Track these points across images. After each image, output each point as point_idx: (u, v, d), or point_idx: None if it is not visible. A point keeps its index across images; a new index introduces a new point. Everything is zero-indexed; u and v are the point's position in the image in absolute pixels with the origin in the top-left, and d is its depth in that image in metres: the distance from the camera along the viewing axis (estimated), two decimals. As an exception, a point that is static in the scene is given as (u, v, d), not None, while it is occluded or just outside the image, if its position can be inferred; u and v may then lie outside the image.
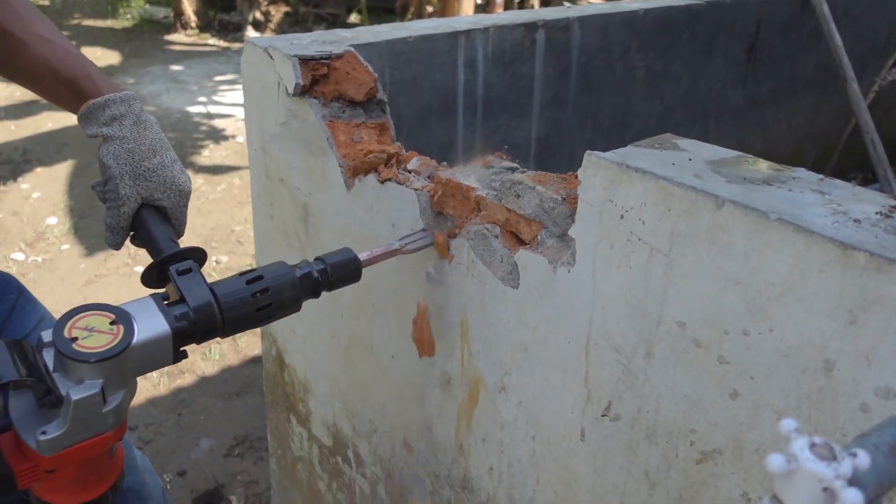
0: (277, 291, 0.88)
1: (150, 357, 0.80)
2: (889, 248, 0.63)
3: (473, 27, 1.63)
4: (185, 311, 0.84)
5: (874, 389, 0.64)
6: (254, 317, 0.87)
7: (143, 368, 0.81)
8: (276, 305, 0.88)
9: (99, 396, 0.75)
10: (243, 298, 0.86)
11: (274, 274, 0.89)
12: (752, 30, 2.38)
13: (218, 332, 0.85)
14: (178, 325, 0.82)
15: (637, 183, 0.79)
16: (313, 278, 0.92)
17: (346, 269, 0.95)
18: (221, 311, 0.85)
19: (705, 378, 0.78)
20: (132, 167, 0.98)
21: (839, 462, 0.44)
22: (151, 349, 0.80)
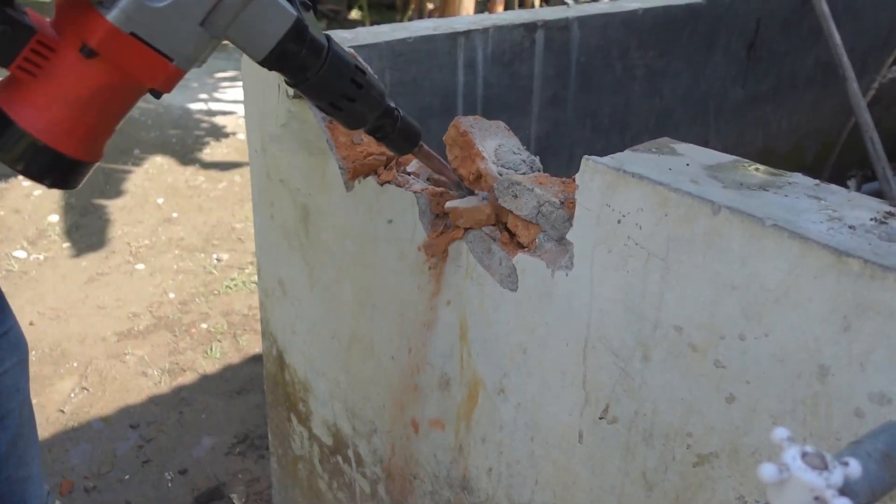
0: (370, 86, 0.85)
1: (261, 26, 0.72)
2: (883, 255, 0.63)
3: (473, 28, 1.64)
4: (306, 27, 0.75)
5: (868, 395, 0.65)
6: (340, 88, 0.81)
7: (244, 32, 0.72)
8: (362, 95, 0.83)
9: (211, 3, 0.67)
10: (347, 65, 0.81)
11: (375, 79, 0.87)
12: (752, 27, 2.38)
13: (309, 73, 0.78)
14: (300, 22, 0.74)
15: (634, 188, 0.79)
16: (392, 113, 0.89)
17: (408, 132, 0.93)
18: (327, 58, 0.78)
19: (702, 382, 0.78)
20: None
21: (830, 471, 0.45)
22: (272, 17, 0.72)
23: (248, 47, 0.74)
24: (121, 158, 4.54)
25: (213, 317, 2.98)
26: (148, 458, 2.23)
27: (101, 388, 2.55)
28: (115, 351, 2.75)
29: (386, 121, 0.89)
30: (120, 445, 2.28)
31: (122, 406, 2.45)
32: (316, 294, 1.40)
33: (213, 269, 3.37)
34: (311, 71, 0.78)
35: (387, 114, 0.88)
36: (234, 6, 0.68)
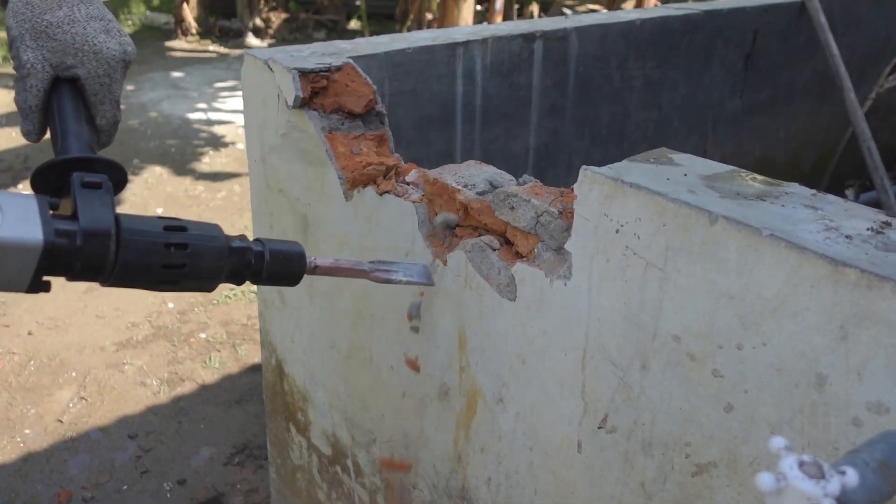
0: (197, 254, 0.71)
1: (4, 270, 0.62)
2: (879, 265, 0.63)
3: (472, 38, 1.65)
4: (72, 229, 0.65)
5: (866, 404, 0.65)
6: (155, 273, 0.69)
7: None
8: (189, 270, 0.71)
9: None
10: (153, 245, 0.68)
11: (201, 232, 0.72)
12: (749, 38, 2.39)
13: (103, 273, 0.67)
14: (57, 242, 0.63)
15: (632, 198, 0.80)
16: (245, 259, 0.76)
17: (286, 264, 0.79)
18: (118, 248, 0.66)
19: (700, 391, 0.78)
20: (32, 23, 0.76)
21: (827, 480, 0.45)
22: (9, 258, 0.62)
23: (3, 288, 0.64)
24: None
25: (211, 327, 2.98)
26: (146, 468, 2.23)
27: (99, 397, 2.54)
28: (113, 361, 2.74)
29: (244, 265, 0.76)
30: (118, 455, 2.28)
31: (121, 416, 2.45)
32: (315, 304, 1.41)
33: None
34: (107, 265, 0.67)
35: (240, 255, 0.75)
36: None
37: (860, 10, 2.83)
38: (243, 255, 0.76)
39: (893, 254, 0.66)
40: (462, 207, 1.04)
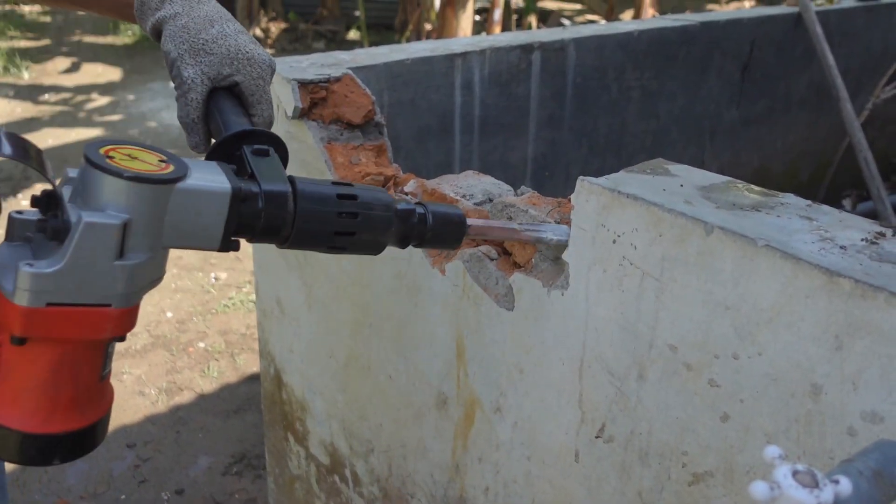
0: (367, 205, 0.71)
1: (196, 220, 0.63)
2: (873, 276, 0.64)
3: (470, 49, 1.66)
4: (254, 189, 0.66)
5: (860, 413, 0.66)
6: (330, 227, 0.69)
7: (181, 235, 0.63)
8: (361, 223, 0.71)
9: (117, 233, 0.57)
10: (326, 199, 0.69)
11: (369, 192, 0.72)
12: (746, 49, 2.41)
13: (283, 230, 0.68)
14: (243, 188, 0.65)
15: (629, 208, 0.80)
16: (411, 219, 0.75)
17: (447, 227, 0.78)
18: (296, 205, 0.67)
19: (696, 401, 0.79)
20: (190, 43, 0.83)
21: (821, 489, 0.45)
22: (202, 207, 0.62)
23: (198, 244, 0.65)
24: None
25: (210, 336, 2.98)
26: (144, 477, 2.23)
27: (97, 407, 2.54)
28: (112, 370, 2.74)
29: (408, 228, 0.76)
30: (116, 465, 2.27)
31: (119, 425, 2.45)
32: (314, 313, 1.41)
33: (210, 288, 3.37)
34: (285, 228, 0.68)
35: (404, 220, 0.75)
36: (146, 225, 0.60)
37: (856, 22, 2.85)
38: (409, 219, 0.75)
39: (887, 264, 0.66)
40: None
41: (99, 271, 0.57)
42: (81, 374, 0.61)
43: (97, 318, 0.59)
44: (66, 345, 0.59)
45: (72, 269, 0.56)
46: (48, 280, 0.56)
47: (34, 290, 0.55)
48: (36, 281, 0.55)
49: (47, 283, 0.56)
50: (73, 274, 0.56)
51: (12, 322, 0.56)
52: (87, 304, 0.58)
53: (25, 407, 0.59)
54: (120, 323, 0.61)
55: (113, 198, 0.57)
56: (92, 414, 0.63)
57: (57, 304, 0.56)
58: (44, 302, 0.56)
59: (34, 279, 0.55)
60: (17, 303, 0.56)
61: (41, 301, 0.56)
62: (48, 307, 0.56)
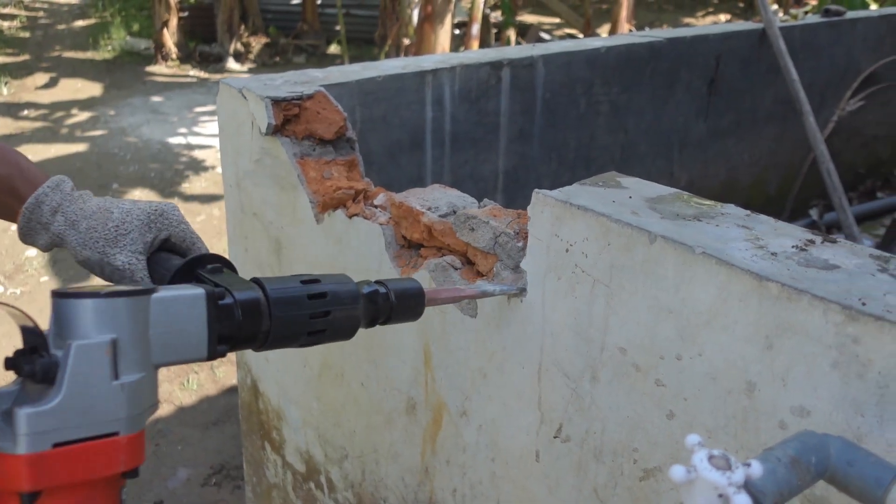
0: (337, 301, 0.72)
1: (179, 328, 0.63)
2: (799, 280, 0.69)
3: (440, 66, 1.71)
4: (229, 301, 0.66)
5: (790, 408, 0.70)
6: (305, 324, 0.70)
7: (169, 347, 0.62)
8: (333, 318, 0.72)
9: (109, 350, 0.57)
10: (297, 298, 0.70)
11: (334, 281, 0.74)
12: (713, 64, 2.48)
13: (261, 335, 0.69)
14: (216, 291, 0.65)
15: (580, 219, 0.85)
16: (377, 302, 0.78)
17: (409, 303, 0.81)
18: (270, 307, 0.68)
19: (645, 400, 0.83)
20: (105, 239, 0.84)
21: (733, 471, 0.50)
22: (181, 315, 0.63)
23: (187, 355, 0.64)
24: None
25: (190, 349, 3.00)
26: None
27: (76, 421, 2.55)
28: None
29: (375, 310, 0.78)
30: (95, 478, 2.29)
31: (98, 439, 2.46)
32: (288, 323, 1.45)
33: (190, 301, 3.39)
34: (261, 336, 0.69)
35: (372, 302, 0.77)
36: (133, 341, 0.59)
37: (820, 37, 2.93)
38: (374, 298, 0.77)
39: (813, 269, 0.71)
40: (426, 229, 1.09)
41: (99, 396, 0.56)
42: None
43: (107, 449, 0.56)
44: (79, 493, 0.56)
45: (72, 400, 0.55)
46: (50, 417, 0.53)
47: (37, 432, 0.53)
48: (37, 421, 0.53)
49: (50, 421, 0.53)
50: (74, 404, 0.55)
51: (19, 478, 0.53)
52: (95, 436, 0.56)
53: None
54: (131, 452, 0.58)
55: (95, 320, 0.57)
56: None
57: (63, 442, 0.54)
58: (49, 443, 0.53)
59: (35, 419, 0.53)
60: (21, 452, 0.53)
61: (47, 443, 0.53)
62: (55, 449, 0.54)
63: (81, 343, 0.55)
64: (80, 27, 11.16)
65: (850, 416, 0.66)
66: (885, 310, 0.64)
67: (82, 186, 0.98)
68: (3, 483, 0.53)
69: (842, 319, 0.65)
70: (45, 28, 10.98)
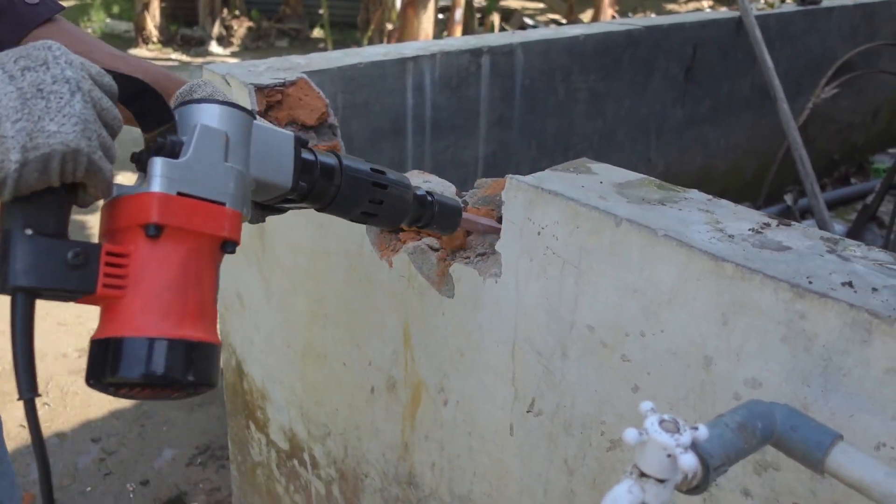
0: (392, 197, 0.85)
1: (272, 153, 0.74)
2: (752, 260, 0.74)
3: (421, 53, 1.74)
4: (311, 158, 0.79)
5: (744, 380, 0.75)
6: (361, 204, 0.83)
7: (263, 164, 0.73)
8: (384, 207, 0.85)
9: (223, 138, 0.68)
10: (364, 182, 0.83)
11: (396, 180, 0.86)
12: (689, 52, 2.52)
13: (325, 198, 0.80)
14: (302, 138, 0.78)
15: (551, 203, 0.89)
16: (425, 202, 0.90)
17: (448, 217, 0.94)
18: (342, 180, 0.81)
19: (611, 375, 0.88)
20: None
21: (681, 434, 0.54)
22: (275, 143, 0.75)
23: (275, 177, 0.75)
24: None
25: (174, 332, 3.03)
26: (109, 470, 2.28)
27: (62, 403, 2.58)
28: (76, 367, 2.78)
29: (422, 210, 0.90)
30: (82, 459, 2.32)
31: (84, 420, 2.49)
32: (272, 306, 1.48)
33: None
34: (330, 191, 0.80)
35: (420, 203, 0.90)
36: (238, 143, 0.70)
37: (796, 25, 2.99)
38: (422, 203, 0.90)
39: (766, 250, 0.76)
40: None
41: (214, 169, 0.67)
42: (204, 279, 0.67)
43: (216, 213, 0.66)
44: (192, 241, 0.65)
45: (194, 163, 0.66)
46: (178, 169, 0.65)
47: (168, 176, 0.64)
48: (169, 168, 0.64)
49: (177, 172, 0.64)
50: (196, 168, 0.66)
51: (150, 210, 0.63)
52: (209, 198, 0.66)
53: (157, 312, 0.63)
54: (233, 224, 0.68)
55: (213, 118, 0.69)
56: (214, 334, 0.68)
57: (186, 194, 0.65)
58: (175, 190, 0.64)
59: (167, 166, 0.64)
60: (156, 189, 0.63)
61: (173, 188, 0.64)
62: (179, 196, 0.64)
63: (205, 124, 0.68)
64: (59, 9, 11.02)
65: (797, 387, 0.71)
66: (830, 288, 0.68)
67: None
68: (137, 217, 0.63)
69: (790, 297, 0.70)
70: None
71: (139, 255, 0.63)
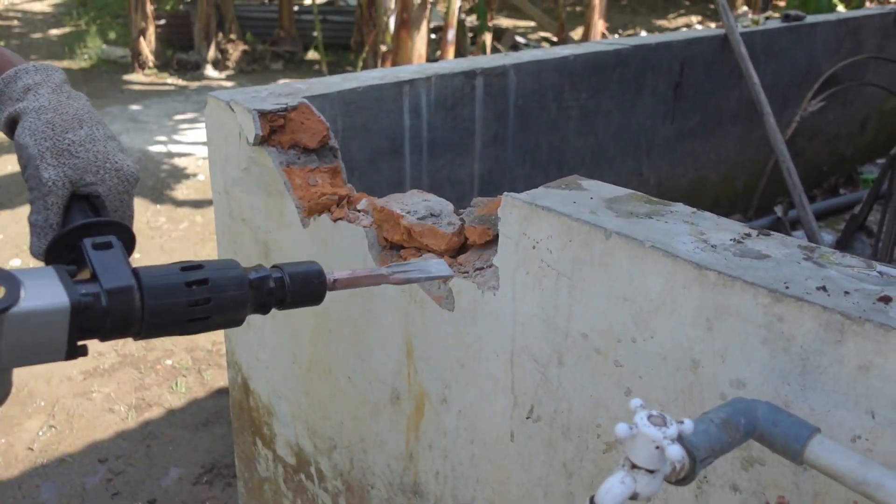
0: (219, 288, 0.70)
1: (34, 339, 0.61)
2: (734, 268, 0.79)
3: (417, 76, 1.80)
4: (95, 290, 0.64)
5: (729, 381, 0.80)
6: (183, 312, 0.68)
7: (21, 354, 0.61)
8: (214, 305, 0.70)
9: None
10: (174, 286, 0.68)
11: (218, 267, 0.71)
12: (677, 69, 2.59)
13: (133, 326, 0.67)
14: (83, 300, 0.63)
15: (544, 219, 0.94)
16: (266, 287, 0.75)
17: (307, 286, 0.78)
18: (143, 298, 0.66)
19: (605, 380, 0.93)
20: (54, 141, 0.77)
21: (668, 427, 0.59)
22: (39, 326, 0.60)
23: (41, 359, 0.63)
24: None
25: (177, 353, 3.07)
26: (117, 490, 2.31)
27: (68, 425, 2.61)
28: (81, 389, 2.81)
29: (267, 295, 0.75)
30: (89, 479, 2.35)
31: (90, 442, 2.52)
32: (277, 323, 1.53)
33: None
34: (135, 325, 0.67)
35: (259, 290, 0.74)
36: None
37: (781, 42, 3.06)
38: (264, 284, 0.75)
39: (746, 258, 0.81)
40: (406, 231, 1.18)
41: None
42: None
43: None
44: None
45: None
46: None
47: None
48: None
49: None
50: None
51: None
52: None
53: None
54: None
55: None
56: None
57: None
58: None
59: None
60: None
61: None
62: None
63: None
64: (55, 36, 11.14)
65: (778, 386, 0.76)
66: (805, 292, 0.73)
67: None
68: None
69: (769, 301, 0.75)
70: (20, 37, 10.95)
71: None
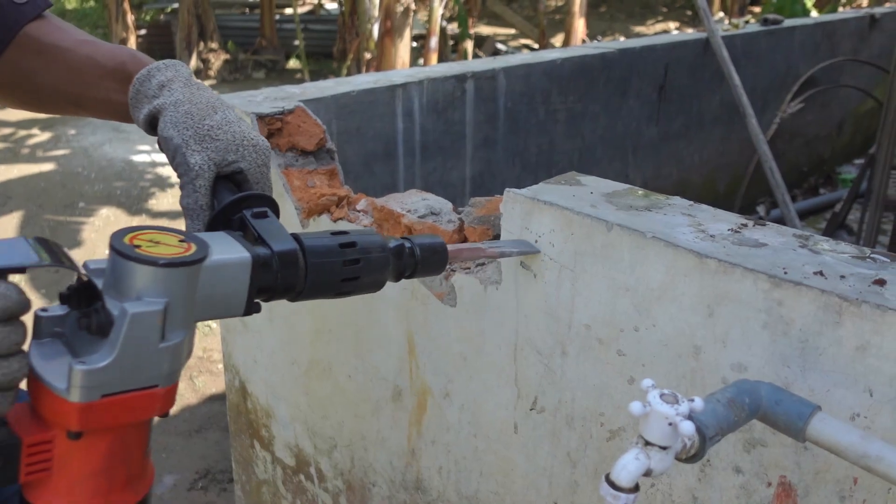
0: (365, 250, 0.77)
1: (223, 291, 0.67)
2: (733, 256, 0.82)
3: (409, 80, 1.83)
4: (266, 252, 0.71)
5: (730, 365, 0.83)
6: (339, 272, 0.75)
7: (211, 307, 0.67)
8: (363, 266, 0.77)
9: (160, 319, 0.60)
10: (330, 248, 0.75)
11: (361, 232, 0.79)
12: (661, 72, 2.64)
13: (297, 285, 0.73)
14: (262, 256, 0.69)
15: (546, 213, 0.97)
16: (404, 253, 0.82)
17: (433, 255, 0.85)
18: (306, 259, 0.73)
19: (608, 369, 0.95)
20: (195, 129, 0.84)
21: (680, 404, 0.62)
22: (227, 278, 0.67)
23: (225, 313, 0.69)
24: (65, 212, 4.58)
25: (167, 361, 3.06)
26: (111, 498, 2.30)
27: (59, 434, 2.60)
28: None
29: (403, 263, 0.83)
30: (82, 488, 2.34)
31: (82, 450, 2.51)
32: (275, 325, 1.54)
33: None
34: (299, 284, 0.73)
35: (398, 257, 0.82)
36: (182, 306, 0.63)
37: (760, 45, 3.12)
38: (401, 255, 0.82)
39: (744, 247, 0.84)
40: (406, 229, 1.20)
41: (146, 357, 0.60)
42: (132, 454, 0.64)
43: (147, 399, 0.61)
44: (118, 429, 0.61)
45: (122, 360, 0.59)
46: (102, 374, 0.58)
47: (89, 385, 0.57)
48: (91, 377, 0.57)
49: (101, 378, 0.58)
50: (124, 364, 0.59)
51: (68, 418, 0.58)
52: (138, 388, 0.60)
53: (83, 495, 0.61)
54: (166, 400, 0.63)
55: (149, 285, 0.60)
56: (141, 488, 0.66)
57: (111, 394, 0.59)
58: (98, 395, 0.58)
59: (89, 376, 0.57)
60: (73, 400, 0.57)
61: (96, 395, 0.58)
62: (102, 399, 0.58)
63: (137, 311, 0.59)
64: (33, 47, 11.04)
65: (778, 368, 0.79)
66: (803, 277, 0.76)
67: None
68: (53, 418, 0.59)
69: (768, 287, 0.78)
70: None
71: (61, 449, 0.60)
